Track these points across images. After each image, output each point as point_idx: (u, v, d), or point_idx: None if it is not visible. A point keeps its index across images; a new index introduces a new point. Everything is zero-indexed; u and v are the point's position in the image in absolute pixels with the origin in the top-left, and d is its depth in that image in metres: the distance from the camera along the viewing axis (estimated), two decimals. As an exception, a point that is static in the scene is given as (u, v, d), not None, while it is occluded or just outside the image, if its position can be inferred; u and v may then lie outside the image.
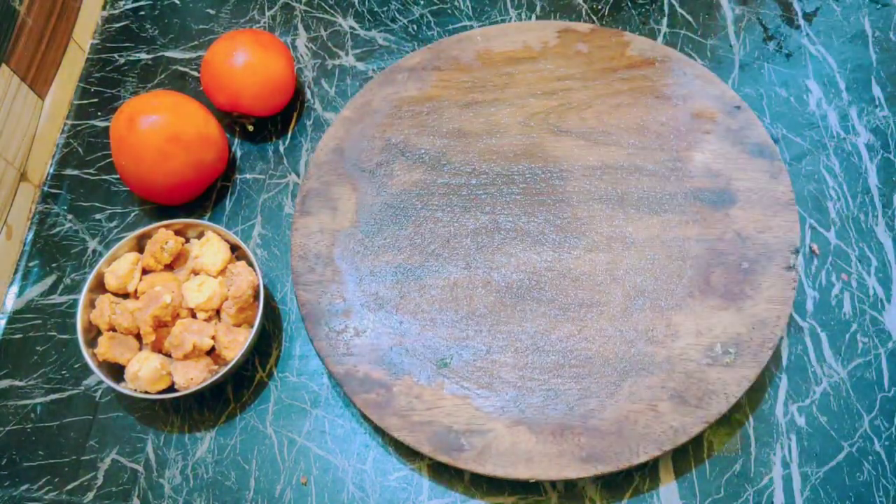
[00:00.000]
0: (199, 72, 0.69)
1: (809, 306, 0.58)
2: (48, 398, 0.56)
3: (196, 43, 0.72)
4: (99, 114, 0.68)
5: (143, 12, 0.74)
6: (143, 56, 0.71)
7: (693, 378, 0.52)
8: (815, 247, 0.60)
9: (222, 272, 0.55)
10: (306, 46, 0.71)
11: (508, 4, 0.73)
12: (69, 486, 0.53)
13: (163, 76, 0.70)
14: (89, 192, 0.65)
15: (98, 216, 0.63)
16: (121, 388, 0.52)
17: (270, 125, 0.67)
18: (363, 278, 0.57)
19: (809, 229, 0.61)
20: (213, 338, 0.52)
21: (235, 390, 0.56)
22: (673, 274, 0.56)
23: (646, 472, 0.52)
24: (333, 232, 0.59)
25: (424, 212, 0.60)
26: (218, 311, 0.54)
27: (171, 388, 0.52)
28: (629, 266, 0.57)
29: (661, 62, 0.65)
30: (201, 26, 0.73)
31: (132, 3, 0.75)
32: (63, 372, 0.57)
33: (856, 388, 0.54)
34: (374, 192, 0.60)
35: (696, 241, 0.57)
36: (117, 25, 0.73)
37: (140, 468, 0.53)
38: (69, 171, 0.66)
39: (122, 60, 0.71)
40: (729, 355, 0.53)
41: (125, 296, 0.56)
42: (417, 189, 0.61)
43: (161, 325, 0.52)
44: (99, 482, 0.53)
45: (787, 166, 0.61)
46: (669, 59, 0.65)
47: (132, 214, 0.63)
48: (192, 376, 0.51)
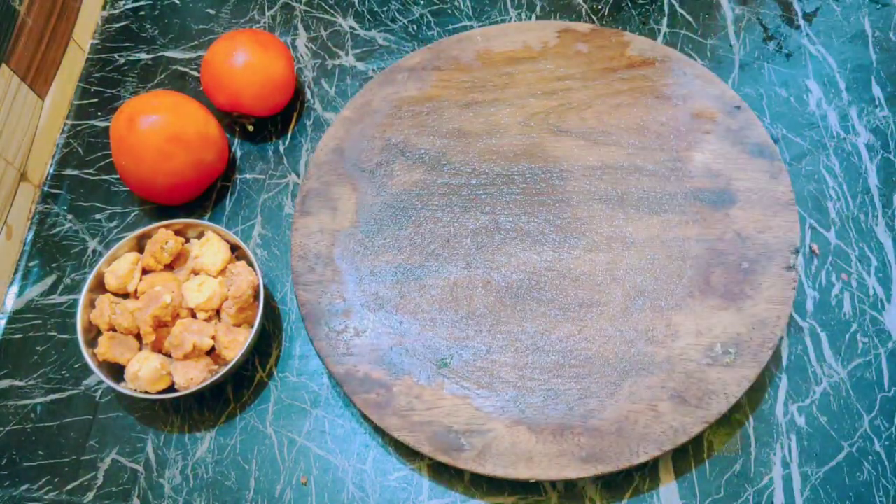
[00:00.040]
0: (199, 72, 0.69)
1: (809, 306, 0.58)
2: (48, 398, 0.56)
3: (196, 43, 0.72)
4: (99, 114, 0.68)
5: (143, 12, 0.74)
6: (143, 56, 0.71)
7: (693, 378, 0.52)
8: (815, 247, 0.60)
9: (222, 272, 0.55)
10: (306, 46, 0.71)
11: (508, 4, 0.73)
12: (69, 486, 0.53)
13: (163, 76, 0.70)
14: (89, 192, 0.65)
15: (98, 216, 0.63)
16: (121, 388, 0.52)
17: (270, 125, 0.67)
18: (363, 278, 0.57)
19: (809, 229, 0.61)
20: (213, 338, 0.52)
21: (235, 390, 0.56)
22: (673, 274, 0.56)
23: (646, 472, 0.52)
24: (333, 232, 0.59)
25: (424, 212, 0.60)
26: (218, 311, 0.54)
27: (171, 388, 0.52)
28: (629, 266, 0.57)
29: (661, 62, 0.65)
30: (201, 26, 0.73)
31: (132, 3, 0.75)
32: (63, 372, 0.57)
33: (856, 388, 0.54)
34: (374, 192, 0.60)
35: (696, 241, 0.57)
36: (117, 25, 0.73)
37: (140, 468, 0.53)
38: (69, 171, 0.66)
39: (122, 60, 0.71)
40: (729, 355, 0.53)
41: (125, 296, 0.56)
42: (417, 189, 0.61)
43: (161, 325, 0.52)
44: (99, 482, 0.53)
45: (787, 166, 0.61)
46: (669, 59, 0.65)
47: (132, 214, 0.63)
48: (192, 376, 0.51)
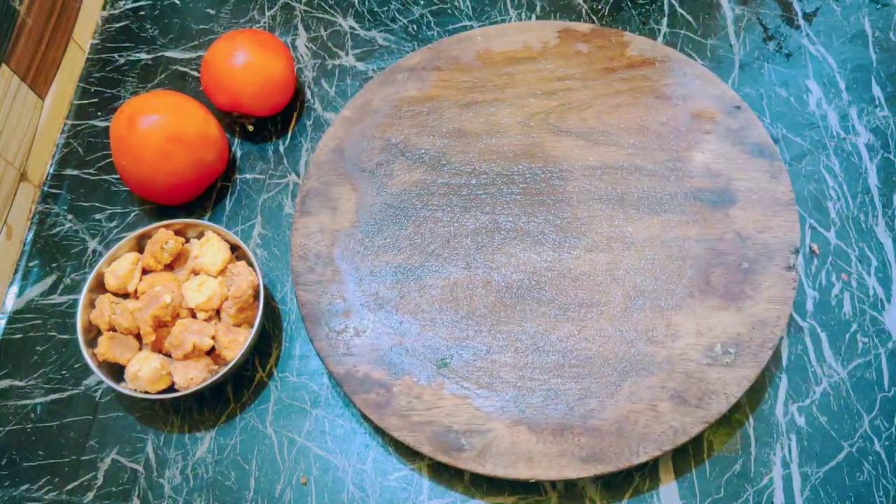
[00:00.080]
0: (199, 72, 0.69)
1: (809, 306, 0.58)
2: (48, 398, 0.56)
3: (196, 43, 0.72)
4: (99, 114, 0.68)
5: (143, 12, 0.74)
6: (143, 56, 0.71)
7: (693, 378, 0.52)
8: (815, 247, 0.60)
9: (222, 272, 0.55)
10: (306, 46, 0.71)
11: (508, 4, 0.73)
12: (69, 486, 0.53)
13: (163, 76, 0.70)
14: (89, 192, 0.65)
15: (98, 216, 0.63)
16: (121, 388, 0.52)
17: (270, 125, 0.67)
18: (363, 278, 0.57)
19: (809, 229, 0.61)
20: (213, 338, 0.52)
21: (235, 390, 0.56)
22: (673, 274, 0.56)
23: (646, 472, 0.52)
24: (333, 232, 0.59)
25: (424, 212, 0.60)
26: (218, 311, 0.54)
27: (171, 388, 0.52)
28: (629, 266, 0.57)
29: (661, 62, 0.65)
30: (201, 26, 0.73)
31: (132, 3, 0.75)
32: (63, 372, 0.57)
33: (856, 388, 0.54)
34: (374, 192, 0.60)
35: (696, 241, 0.57)
36: (117, 25, 0.73)
37: (140, 468, 0.53)
38: (69, 171, 0.66)
39: (122, 60, 0.71)
40: (729, 355, 0.53)
41: (125, 296, 0.56)
42: (417, 189, 0.61)
43: (161, 325, 0.52)
44: (99, 482, 0.53)
45: (787, 166, 0.61)
46: (669, 59, 0.65)
47: (132, 214, 0.63)
48: (192, 376, 0.51)
